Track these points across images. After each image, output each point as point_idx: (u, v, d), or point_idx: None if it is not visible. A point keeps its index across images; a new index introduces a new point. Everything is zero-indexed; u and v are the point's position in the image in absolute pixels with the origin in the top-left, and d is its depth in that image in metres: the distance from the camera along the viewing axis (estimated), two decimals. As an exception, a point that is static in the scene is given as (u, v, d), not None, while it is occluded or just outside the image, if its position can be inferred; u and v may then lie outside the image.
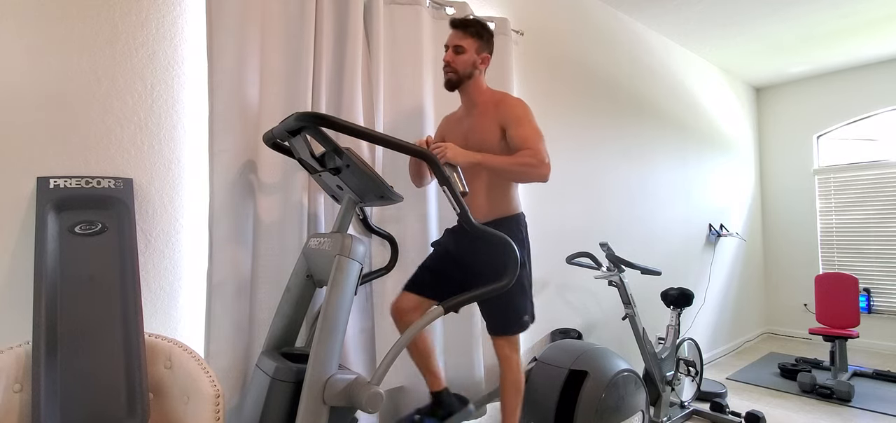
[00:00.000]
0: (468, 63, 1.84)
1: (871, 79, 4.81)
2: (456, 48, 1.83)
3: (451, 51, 1.84)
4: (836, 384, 3.34)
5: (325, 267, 1.46)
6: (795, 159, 5.26)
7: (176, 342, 1.44)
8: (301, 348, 1.64)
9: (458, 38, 1.84)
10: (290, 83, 1.81)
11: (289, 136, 1.47)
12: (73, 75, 1.46)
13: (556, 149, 2.95)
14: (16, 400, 1.22)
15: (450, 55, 1.84)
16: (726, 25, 3.85)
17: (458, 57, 1.83)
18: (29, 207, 1.37)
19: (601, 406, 2.02)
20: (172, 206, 1.64)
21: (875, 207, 4.78)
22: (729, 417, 2.89)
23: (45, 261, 1.29)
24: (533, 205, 2.78)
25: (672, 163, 3.98)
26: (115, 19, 1.54)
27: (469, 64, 1.84)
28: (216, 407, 1.32)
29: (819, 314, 3.81)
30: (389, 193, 1.50)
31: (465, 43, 1.83)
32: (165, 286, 1.61)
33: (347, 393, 1.35)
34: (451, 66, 1.84)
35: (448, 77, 1.86)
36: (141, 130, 1.58)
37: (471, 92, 1.89)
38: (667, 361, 2.77)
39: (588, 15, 3.28)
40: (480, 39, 1.86)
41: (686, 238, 4.10)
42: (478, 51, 1.85)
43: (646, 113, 3.74)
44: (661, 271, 2.85)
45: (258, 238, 1.73)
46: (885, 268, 4.71)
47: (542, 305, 2.82)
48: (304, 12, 1.84)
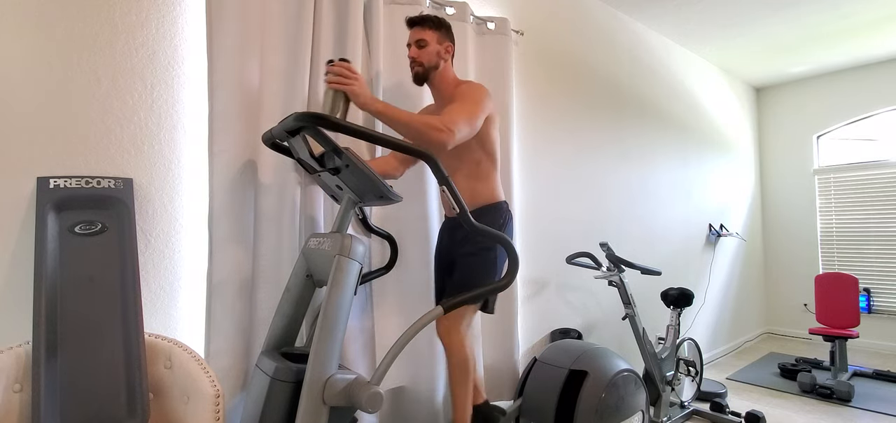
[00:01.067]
0: (432, 54, 1.86)
1: (871, 79, 4.81)
2: (418, 43, 1.86)
3: (413, 47, 1.87)
4: (836, 384, 3.33)
5: (325, 267, 1.46)
6: (795, 159, 5.26)
7: (176, 342, 1.44)
8: (301, 349, 1.64)
9: (419, 33, 1.86)
10: (290, 83, 1.81)
11: (288, 136, 1.47)
12: (73, 75, 1.46)
13: (556, 149, 2.96)
14: (16, 400, 1.22)
15: (413, 51, 1.87)
16: (726, 26, 3.85)
17: (421, 51, 1.86)
18: (29, 207, 1.37)
19: (601, 406, 2.02)
20: (172, 206, 1.64)
21: (875, 207, 4.78)
22: (729, 417, 2.89)
23: (45, 261, 1.29)
24: (533, 205, 2.78)
25: (672, 163, 3.98)
26: (115, 19, 1.54)
27: (433, 55, 1.87)
28: (216, 407, 1.32)
29: (819, 314, 3.81)
30: (389, 193, 1.50)
31: (425, 36, 1.85)
32: (165, 286, 1.61)
33: (347, 393, 1.35)
34: (416, 61, 1.87)
35: (415, 71, 1.88)
36: (141, 130, 1.58)
37: (438, 83, 1.91)
38: (667, 361, 2.77)
39: (588, 15, 3.28)
40: (440, 30, 1.88)
41: (686, 238, 4.10)
42: (439, 41, 1.87)
43: (646, 113, 3.74)
44: (661, 271, 2.85)
45: (258, 238, 1.73)
46: (885, 268, 4.71)
47: (542, 305, 2.82)
48: (304, 12, 1.84)
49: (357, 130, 1.34)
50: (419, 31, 1.87)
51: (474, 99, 1.77)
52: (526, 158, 2.75)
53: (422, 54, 1.86)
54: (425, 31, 1.87)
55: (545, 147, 2.88)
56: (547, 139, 2.90)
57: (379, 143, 1.38)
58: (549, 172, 2.89)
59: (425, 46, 1.86)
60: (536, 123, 2.84)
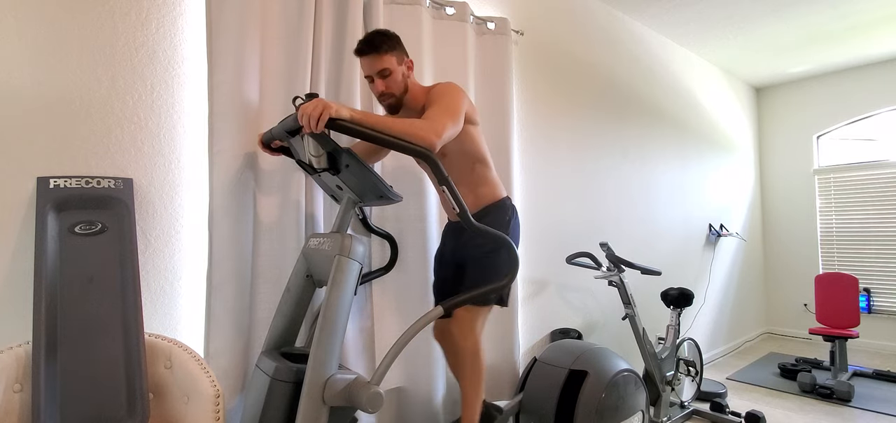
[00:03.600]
0: (399, 79, 1.73)
1: (871, 79, 4.81)
2: (381, 73, 1.69)
3: (378, 79, 1.70)
4: (836, 384, 3.33)
5: (325, 267, 1.46)
6: (795, 159, 5.26)
7: (176, 342, 1.44)
8: (301, 349, 1.64)
9: (378, 62, 1.68)
10: (290, 83, 1.81)
11: (288, 136, 1.47)
12: (73, 75, 1.46)
13: (556, 149, 2.96)
14: (16, 400, 1.22)
15: (379, 84, 1.71)
16: (726, 25, 3.85)
17: (388, 81, 1.70)
18: (29, 207, 1.37)
19: (601, 406, 2.02)
20: (172, 206, 1.64)
21: (875, 207, 4.78)
22: (729, 417, 2.89)
23: (45, 261, 1.29)
24: (533, 205, 2.78)
25: (672, 163, 3.98)
26: (115, 19, 1.54)
27: (400, 79, 1.73)
28: (216, 407, 1.32)
29: (819, 314, 3.81)
30: (389, 193, 1.50)
31: (386, 63, 1.68)
32: (165, 286, 1.61)
33: (347, 393, 1.35)
34: (387, 93, 1.72)
35: (387, 104, 1.76)
36: (141, 130, 1.58)
37: (408, 102, 1.78)
38: (667, 361, 2.77)
39: (588, 15, 3.28)
40: (396, 49, 1.72)
41: (686, 238, 4.10)
42: (399, 61, 1.73)
43: (646, 113, 3.74)
44: (660, 271, 2.86)
45: (258, 238, 1.73)
46: (885, 268, 4.71)
47: (542, 305, 2.82)
48: (304, 12, 1.85)
49: (358, 130, 1.34)
50: (376, 59, 1.68)
51: (452, 96, 1.68)
52: (526, 158, 2.75)
53: (390, 84, 1.71)
54: (383, 57, 1.68)
55: (545, 147, 2.88)
56: (547, 139, 2.90)
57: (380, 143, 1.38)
58: (549, 172, 2.89)
59: (390, 75, 1.70)
60: (536, 122, 2.84)
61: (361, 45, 1.69)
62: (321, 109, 1.29)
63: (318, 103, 1.29)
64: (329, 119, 1.30)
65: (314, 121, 1.29)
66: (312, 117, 1.29)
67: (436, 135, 1.49)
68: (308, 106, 1.29)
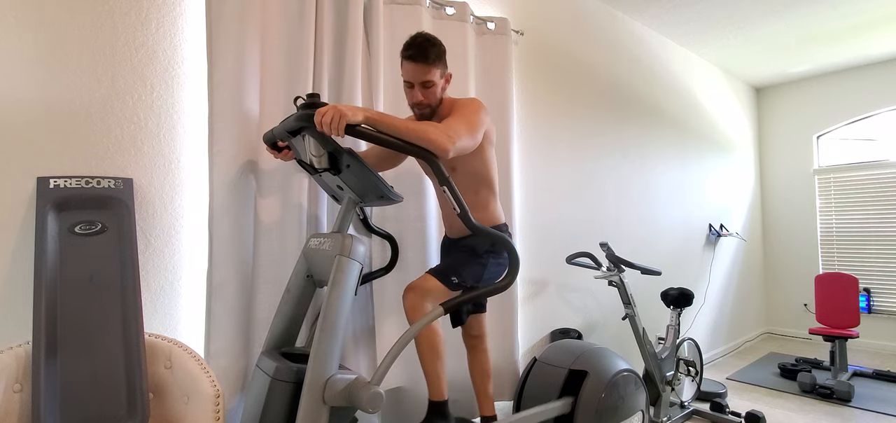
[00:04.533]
0: (437, 92, 1.71)
1: (871, 79, 4.81)
2: (425, 84, 1.67)
3: (418, 88, 1.67)
4: (836, 384, 3.33)
5: (326, 267, 1.46)
6: (795, 159, 5.26)
7: (176, 342, 1.44)
8: (301, 349, 1.64)
9: (424, 73, 1.65)
10: (290, 83, 1.81)
11: (289, 136, 1.47)
12: (73, 75, 1.46)
13: (556, 148, 2.96)
14: (16, 400, 1.22)
15: (419, 94, 1.68)
16: (726, 25, 3.85)
17: (427, 92, 1.68)
18: (29, 207, 1.37)
19: (601, 406, 2.02)
20: (172, 206, 1.64)
21: (875, 207, 4.78)
22: (729, 417, 2.89)
23: (45, 261, 1.29)
24: (533, 204, 2.78)
25: (672, 163, 3.98)
26: (115, 19, 1.54)
27: (438, 92, 1.71)
28: (216, 407, 1.32)
29: (819, 314, 3.81)
30: (389, 193, 1.50)
31: (431, 76, 1.66)
32: (165, 286, 1.61)
33: (347, 393, 1.35)
34: (423, 104, 1.70)
35: (422, 113, 1.73)
36: (141, 130, 1.58)
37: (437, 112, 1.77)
38: (667, 361, 2.77)
39: (588, 15, 3.28)
40: (440, 61, 1.69)
41: (686, 238, 4.10)
42: (442, 75, 1.71)
43: (646, 113, 3.74)
44: (660, 271, 2.85)
45: (258, 238, 1.73)
46: (885, 268, 4.71)
47: (542, 305, 2.82)
48: (304, 12, 1.84)
49: (359, 131, 1.34)
50: (424, 69, 1.65)
51: (474, 111, 1.66)
52: (526, 158, 2.75)
53: (429, 96, 1.69)
54: (431, 68, 1.65)
55: (545, 147, 2.88)
56: (547, 139, 2.90)
57: (379, 142, 1.38)
58: (549, 172, 2.89)
59: (432, 87, 1.68)
60: (536, 122, 2.84)
61: (412, 51, 1.64)
62: (339, 116, 1.30)
63: (333, 111, 1.31)
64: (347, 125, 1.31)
65: (334, 127, 1.30)
66: (332, 124, 1.30)
67: (450, 142, 1.48)
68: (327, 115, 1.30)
